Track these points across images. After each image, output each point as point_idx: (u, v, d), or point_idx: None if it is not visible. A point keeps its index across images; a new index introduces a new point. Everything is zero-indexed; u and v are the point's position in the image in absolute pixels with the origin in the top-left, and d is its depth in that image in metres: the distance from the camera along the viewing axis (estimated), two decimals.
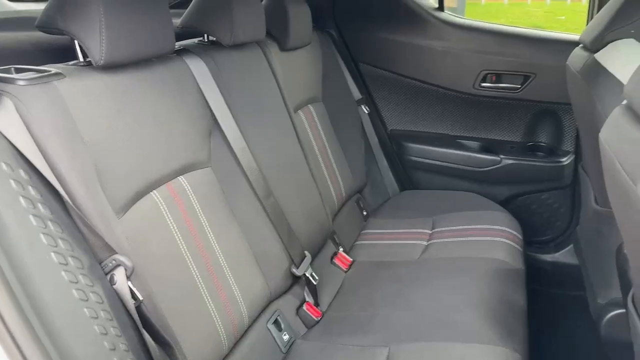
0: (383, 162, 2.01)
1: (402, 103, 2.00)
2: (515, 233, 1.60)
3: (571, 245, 1.83)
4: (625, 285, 1.06)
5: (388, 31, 1.93)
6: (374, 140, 2.00)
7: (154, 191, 0.97)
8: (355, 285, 1.44)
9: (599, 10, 1.60)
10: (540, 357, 1.32)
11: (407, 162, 1.99)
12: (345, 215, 1.73)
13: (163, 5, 0.99)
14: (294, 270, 1.28)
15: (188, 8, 1.25)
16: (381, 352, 1.14)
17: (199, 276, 1.01)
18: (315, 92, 1.72)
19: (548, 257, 1.88)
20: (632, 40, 1.20)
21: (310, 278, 1.31)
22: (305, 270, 1.30)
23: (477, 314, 1.21)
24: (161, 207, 0.98)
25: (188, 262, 1.00)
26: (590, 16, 1.69)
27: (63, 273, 0.69)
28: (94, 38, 0.85)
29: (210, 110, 1.15)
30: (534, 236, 1.88)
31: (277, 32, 1.51)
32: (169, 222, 0.98)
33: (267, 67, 1.41)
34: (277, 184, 1.29)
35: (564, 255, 1.86)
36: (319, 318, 1.30)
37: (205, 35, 1.27)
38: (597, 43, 1.26)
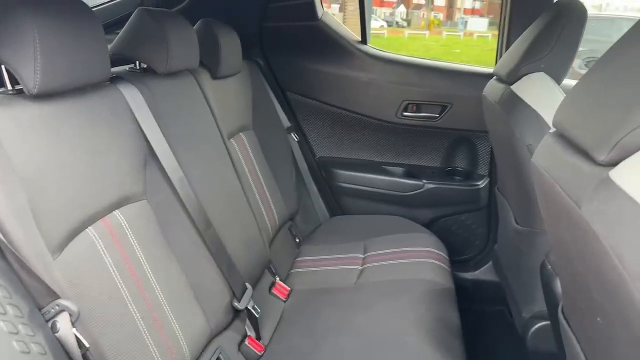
0: (313, 189, 2.03)
1: (330, 131, 2.05)
2: (442, 254, 1.68)
3: (490, 263, 1.96)
4: (551, 298, 1.15)
5: (314, 61, 1.98)
6: (303, 167, 2.02)
7: (90, 227, 0.91)
8: (296, 315, 1.42)
9: (507, 46, 1.77)
10: None
11: (336, 188, 2.03)
12: (280, 243, 1.71)
13: (98, 30, 0.94)
14: (235, 304, 1.24)
15: (119, 34, 1.20)
16: None
17: (139, 316, 0.95)
18: (246, 120, 1.71)
19: (469, 275, 1.99)
20: (542, 74, 1.34)
21: (252, 311, 1.28)
22: (247, 303, 1.26)
23: (419, 334, 1.24)
24: (97, 244, 0.91)
25: (127, 301, 0.93)
26: (499, 51, 1.85)
27: (1, 323, 0.62)
28: (28, 65, 0.78)
29: (146, 140, 1.10)
30: (455, 255, 1.98)
31: (208, 60, 1.49)
32: (106, 260, 0.91)
33: (200, 96, 1.38)
34: (216, 214, 1.25)
35: (484, 273, 1.98)
36: (262, 352, 1.27)
37: (137, 63, 1.22)
38: (513, 76, 1.38)
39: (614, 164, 0.63)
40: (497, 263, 1.81)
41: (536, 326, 1.35)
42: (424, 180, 1.95)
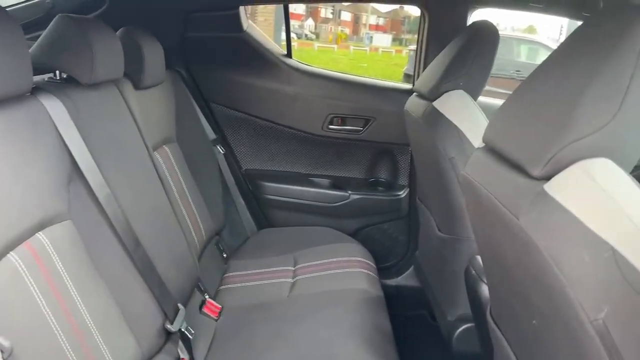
0: (240, 202, 2.00)
1: (256, 143, 2.03)
2: (370, 262, 1.73)
3: (411, 269, 2.04)
4: (476, 302, 1.22)
5: (239, 73, 1.96)
6: (230, 180, 1.98)
7: (12, 252, 0.82)
8: (229, 333, 1.38)
9: (424, 62, 1.87)
10: None
11: (263, 200, 2.02)
12: (207, 260, 1.66)
13: (19, 36, 0.86)
14: (168, 326, 1.18)
15: (37, 42, 1.11)
16: None
17: (67, 345, 0.88)
18: (169, 132, 1.65)
19: (392, 282, 2.06)
20: (461, 91, 1.43)
21: (186, 332, 1.23)
22: (180, 325, 1.21)
23: (355, 344, 1.26)
24: (21, 271, 0.83)
25: (55, 330, 0.86)
26: (417, 69, 1.95)
27: None
28: None
29: (70, 156, 1.02)
30: (379, 263, 2.04)
31: (131, 69, 1.41)
32: (31, 288, 0.83)
33: (124, 107, 1.31)
34: (145, 232, 1.19)
35: (405, 279, 2.06)
36: None
37: (57, 72, 1.13)
38: (434, 93, 1.46)
39: (548, 177, 0.69)
40: (418, 269, 1.90)
41: (461, 328, 1.43)
42: (350, 191, 2.00)
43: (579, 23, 0.83)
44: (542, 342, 0.76)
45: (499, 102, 1.93)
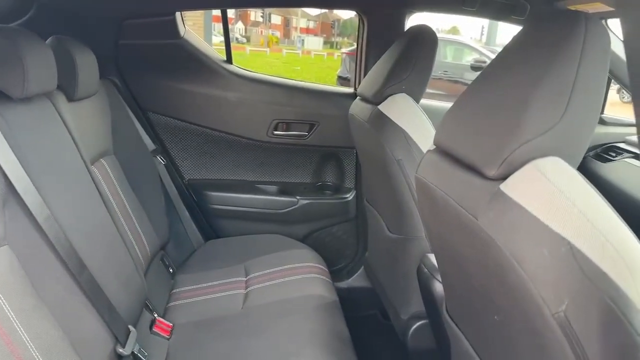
0: (184, 214, 1.94)
1: (198, 152, 1.98)
2: (322, 267, 1.73)
3: (361, 270, 2.06)
4: (430, 299, 1.25)
5: (177, 81, 1.90)
6: (172, 191, 1.91)
7: None
8: (183, 352, 1.33)
9: (364, 66, 1.90)
10: None
11: (209, 211, 1.96)
12: (153, 276, 1.59)
13: None
14: (120, 350, 1.11)
15: None
16: None
17: None
18: (106, 144, 1.57)
19: (343, 284, 2.08)
20: (404, 95, 1.46)
21: (139, 355, 1.17)
22: (132, 347, 1.15)
23: (315, 352, 1.25)
24: None
25: None
26: (357, 74, 1.97)
27: None
28: None
29: (4, 175, 0.94)
30: (330, 266, 2.05)
31: (63, 81, 1.33)
32: None
33: (59, 121, 1.22)
34: (89, 253, 1.12)
35: (356, 280, 2.08)
36: None
37: None
38: (379, 97, 1.49)
39: (503, 177, 0.72)
40: (369, 270, 1.92)
41: (415, 326, 1.46)
42: (298, 197, 1.99)
43: (500, 24, 0.87)
44: (503, 336, 0.78)
45: (432, 102, 2.00)
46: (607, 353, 0.59)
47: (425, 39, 1.49)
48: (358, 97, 1.70)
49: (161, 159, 1.89)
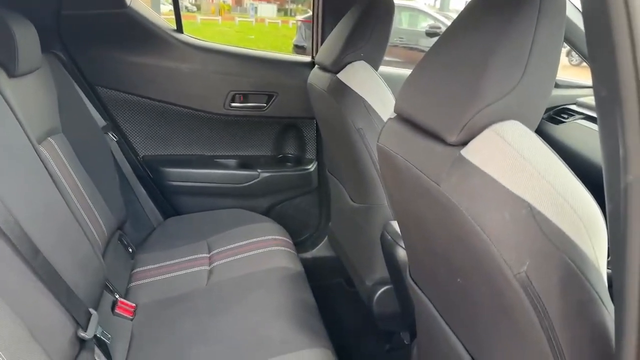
0: (141, 192, 1.88)
1: (152, 127, 1.91)
2: (286, 239, 1.72)
3: (325, 240, 2.08)
4: (394, 265, 1.27)
5: (125, 53, 1.81)
6: (127, 169, 1.85)
7: None
8: (148, 332, 1.31)
9: (321, 34, 1.86)
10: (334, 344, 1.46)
11: (167, 187, 1.91)
12: (112, 257, 1.55)
13: None
14: (81, 334, 1.08)
15: None
16: None
17: None
18: (54, 122, 1.49)
19: (308, 255, 2.09)
20: (363, 62, 1.44)
21: (102, 338, 1.14)
22: (94, 330, 1.12)
23: (283, 324, 1.26)
24: None
25: None
26: (314, 42, 1.94)
27: None
28: None
29: None
30: (294, 238, 2.06)
31: (2, 56, 1.25)
32: None
33: (1, 100, 1.15)
34: (42, 236, 1.07)
35: (320, 250, 2.10)
36: None
37: None
38: (337, 65, 1.46)
39: (464, 143, 0.72)
40: (332, 239, 1.93)
41: (380, 291, 1.48)
42: (259, 170, 1.96)
43: None
44: (466, 297, 0.80)
45: (390, 69, 1.99)
46: (566, 309, 0.61)
47: (383, 5, 1.47)
48: (316, 66, 1.67)
49: (113, 135, 1.81)
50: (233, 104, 1.92)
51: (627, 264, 0.49)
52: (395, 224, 1.29)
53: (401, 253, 1.22)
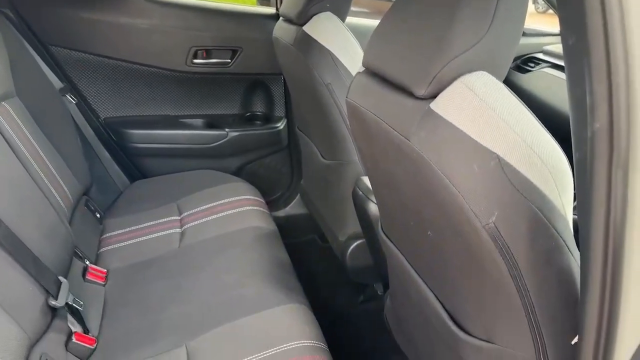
0: (105, 155, 1.82)
1: (112, 87, 1.83)
2: (258, 199, 1.71)
3: (297, 197, 2.07)
4: (366, 220, 1.28)
5: (77, 8, 1.70)
6: (88, 132, 1.78)
7: None
8: (121, 297, 1.30)
9: None
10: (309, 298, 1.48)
11: (131, 150, 1.86)
12: (79, 223, 1.51)
13: None
14: (52, 302, 1.07)
15: None
16: (179, 353, 1.08)
17: None
18: (6, 86, 1.40)
19: (281, 213, 2.09)
20: (329, 13, 1.40)
21: (74, 305, 1.12)
22: (65, 298, 1.10)
23: (258, 282, 1.26)
24: None
25: None
26: None
27: None
28: None
29: None
30: (266, 197, 2.05)
31: None
32: None
33: None
34: (3, 206, 1.03)
35: (293, 208, 2.10)
36: (95, 345, 1.13)
37: None
38: (303, 17, 1.42)
39: (433, 96, 0.71)
40: (305, 196, 1.93)
41: (352, 246, 1.50)
42: (227, 129, 1.91)
43: None
44: (436, 249, 0.81)
45: (357, 20, 1.94)
46: (534, 257, 0.63)
47: None
48: (281, 18, 1.61)
49: (71, 97, 1.73)
50: (195, 61, 1.84)
51: (592, 211, 0.50)
52: (366, 180, 1.29)
53: (373, 208, 1.23)
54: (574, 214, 0.64)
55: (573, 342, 0.62)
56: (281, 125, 1.99)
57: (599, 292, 0.51)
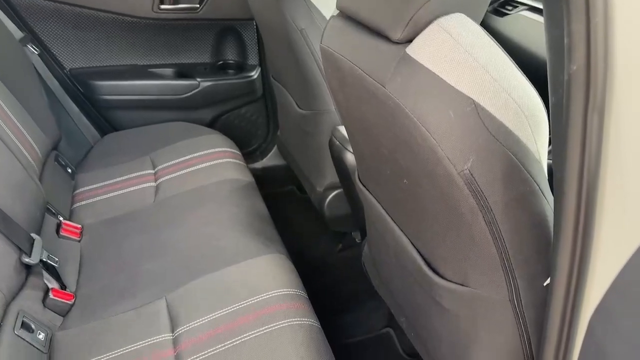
0: (72, 108, 1.75)
1: (76, 37, 1.73)
2: (233, 151, 1.68)
3: (275, 149, 2.05)
4: (343, 169, 1.28)
5: None
6: (54, 84, 1.70)
7: None
8: (97, 252, 1.29)
9: None
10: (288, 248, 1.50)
11: (100, 102, 1.79)
12: (50, 179, 1.47)
13: None
14: (26, 259, 1.05)
15: None
16: (159, 305, 1.09)
17: None
18: None
19: (258, 165, 2.07)
20: None
21: (49, 261, 1.11)
22: (39, 255, 1.09)
23: (236, 234, 1.26)
24: None
25: None
26: None
27: None
28: None
29: None
30: (242, 149, 2.01)
31: None
32: None
33: None
34: None
35: (270, 159, 2.08)
36: (73, 300, 1.13)
37: None
38: None
39: (409, 40, 0.69)
40: (282, 147, 1.91)
41: (330, 196, 1.50)
42: (199, 79, 1.85)
43: None
44: (412, 197, 0.81)
45: None
46: (508, 202, 0.63)
47: None
48: None
49: (33, 48, 1.64)
50: (162, 6, 1.75)
51: (567, 154, 0.50)
52: (342, 129, 1.27)
53: (349, 157, 1.22)
54: (548, 159, 0.65)
55: (545, 284, 0.64)
56: (255, 74, 1.93)
57: (572, 234, 0.52)
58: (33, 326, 1.01)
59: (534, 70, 0.71)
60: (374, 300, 1.41)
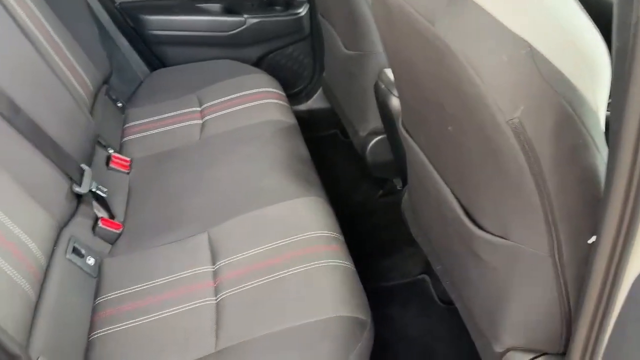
0: (123, 42, 1.77)
1: None
2: (278, 91, 1.67)
3: (320, 91, 2.02)
4: (387, 115, 1.25)
5: None
6: (104, 18, 1.72)
7: None
8: (145, 185, 1.33)
9: None
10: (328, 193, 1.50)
11: (149, 37, 1.80)
12: (101, 113, 1.52)
13: None
14: (77, 189, 1.10)
15: None
16: (201, 239, 1.13)
17: None
18: None
19: (303, 107, 2.04)
20: None
21: (98, 192, 1.16)
22: (89, 185, 1.14)
23: (277, 175, 1.27)
24: None
25: None
26: None
27: None
28: None
29: None
30: (287, 90, 1.99)
31: None
32: None
33: None
34: (21, 94, 1.03)
35: (315, 102, 2.05)
36: (121, 230, 1.19)
37: None
38: None
39: None
40: (327, 90, 1.87)
41: (373, 141, 1.48)
42: (245, 15, 1.81)
43: None
44: (456, 145, 0.78)
45: None
46: (558, 154, 0.59)
47: None
48: None
49: None
50: None
51: (627, 103, 0.46)
52: (389, 72, 1.23)
53: (394, 102, 1.18)
54: (607, 111, 0.60)
55: (590, 242, 0.61)
56: (303, 11, 1.87)
57: (624, 190, 0.49)
58: (83, 252, 1.07)
59: (598, 12, 0.65)
60: (411, 247, 1.41)
